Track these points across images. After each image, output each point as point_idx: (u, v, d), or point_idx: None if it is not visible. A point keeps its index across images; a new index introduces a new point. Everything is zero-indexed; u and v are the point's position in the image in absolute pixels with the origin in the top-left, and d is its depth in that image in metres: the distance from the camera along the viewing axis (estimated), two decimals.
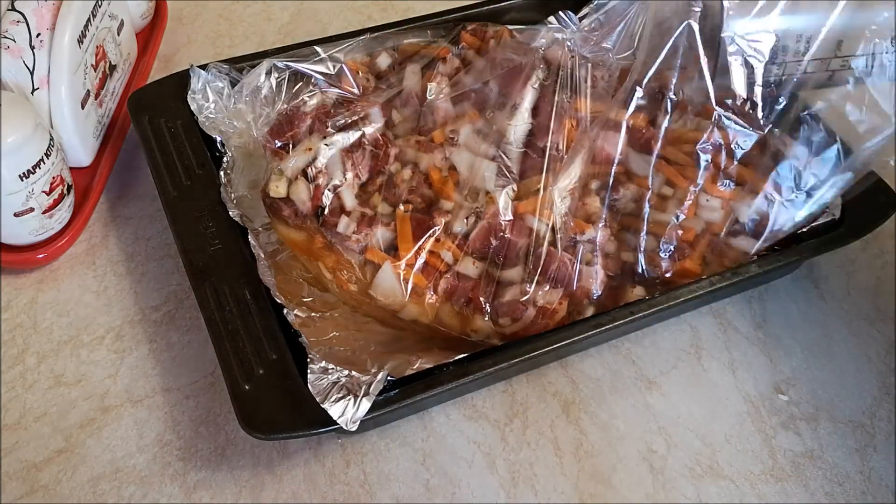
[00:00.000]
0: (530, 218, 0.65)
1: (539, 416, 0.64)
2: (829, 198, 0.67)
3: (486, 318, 0.61)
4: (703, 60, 0.70)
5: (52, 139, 0.66)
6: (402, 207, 0.65)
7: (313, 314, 0.64)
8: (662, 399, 0.66)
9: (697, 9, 0.66)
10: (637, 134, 0.69)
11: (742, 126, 0.70)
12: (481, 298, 0.62)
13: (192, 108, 0.71)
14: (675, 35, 0.70)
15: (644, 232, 0.66)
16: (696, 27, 0.71)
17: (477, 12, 0.81)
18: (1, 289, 0.69)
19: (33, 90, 0.68)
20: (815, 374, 0.69)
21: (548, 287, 0.62)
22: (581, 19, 0.83)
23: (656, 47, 0.71)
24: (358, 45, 0.76)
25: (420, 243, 0.63)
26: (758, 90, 0.68)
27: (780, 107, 0.68)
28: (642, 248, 0.65)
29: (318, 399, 0.54)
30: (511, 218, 0.64)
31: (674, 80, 0.71)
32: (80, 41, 0.69)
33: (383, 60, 0.76)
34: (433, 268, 0.64)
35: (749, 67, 0.67)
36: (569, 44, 0.71)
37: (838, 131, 0.68)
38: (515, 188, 0.66)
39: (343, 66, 0.74)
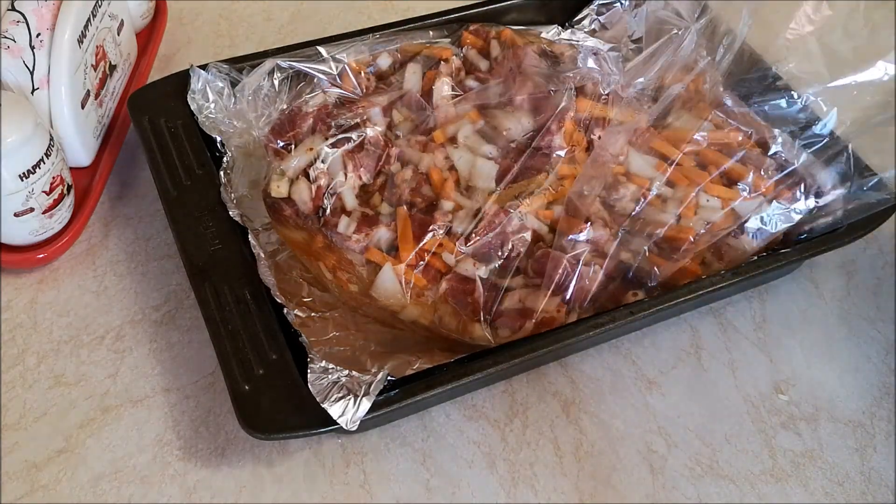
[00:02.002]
0: (531, 218, 0.65)
1: (539, 416, 0.64)
2: (836, 208, 0.67)
3: (485, 326, 0.61)
4: (703, 61, 0.70)
5: (52, 139, 0.66)
6: (403, 208, 0.65)
7: (313, 314, 0.64)
8: (662, 399, 0.66)
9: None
10: (637, 134, 0.69)
11: (744, 128, 0.71)
12: (481, 303, 0.62)
13: (192, 108, 0.71)
14: (679, 36, 0.70)
15: (644, 232, 0.66)
16: (697, 29, 0.71)
17: (477, 12, 0.81)
18: (1, 289, 0.69)
19: (33, 90, 0.68)
20: (815, 374, 0.69)
21: (547, 293, 0.62)
22: (580, 21, 0.83)
23: (659, 48, 0.71)
24: (360, 45, 0.76)
25: (421, 244, 0.63)
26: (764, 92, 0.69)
27: (788, 111, 0.68)
28: (642, 249, 0.65)
29: (318, 399, 0.54)
30: (514, 220, 0.64)
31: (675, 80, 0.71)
32: (80, 41, 0.69)
33: (385, 61, 0.76)
34: (434, 269, 0.64)
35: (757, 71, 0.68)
36: (603, 89, 0.71)
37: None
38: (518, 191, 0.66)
39: (345, 66, 0.74)
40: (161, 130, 0.70)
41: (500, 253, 0.64)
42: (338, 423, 0.54)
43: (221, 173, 0.67)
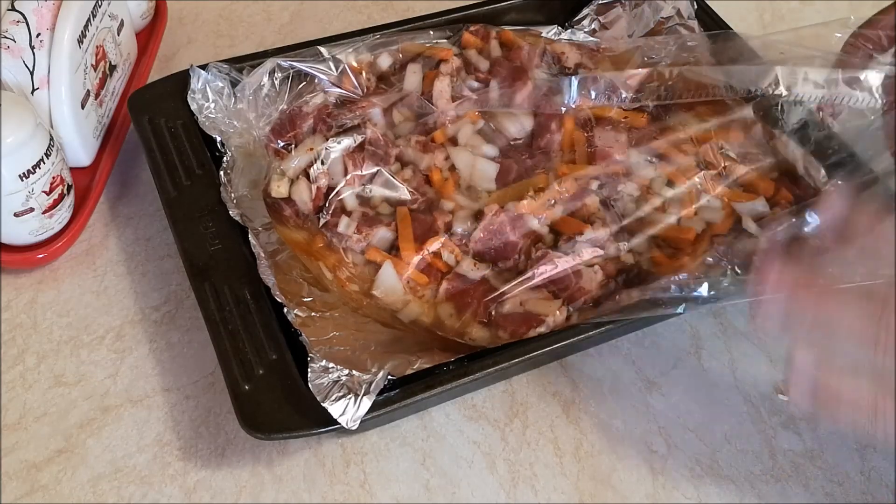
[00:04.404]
0: (530, 218, 0.65)
1: (539, 416, 0.64)
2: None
3: (485, 328, 0.61)
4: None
5: (52, 139, 0.66)
6: (403, 208, 0.65)
7: (313, 314, 0.64)
8: (662, 399, 0.66)
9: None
10: (637, 133, 0.69)
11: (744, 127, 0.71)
12: (481, 304, 0.62)
13: (192, 108, 0.71)
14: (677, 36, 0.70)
15: (644, 232, 0.66)
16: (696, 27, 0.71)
17: (477, 12, 0.81)
18: (1, 289, 0.69)
19: (33, 90, 0.68)
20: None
21: (548, 294, 0.62)
22: (580, 21, 0.83)
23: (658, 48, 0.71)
24: (360, 45, 0.76)
25: (421, 244, 0.63)
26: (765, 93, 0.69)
27: (789, 110, 0.69)
28: (642, 249, 0.65)
29: (318, 398, 0.54)
30: (513, 220, 0.64)
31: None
32: (80, 41, 0.69)
33: (385, 61, 0.76)
34: (434, 269, 0.64)
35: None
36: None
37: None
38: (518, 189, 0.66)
39: (345, 66, 0.74)
40: (161, 130, 0.70)
41: (499, 254, 0.64)
42: (338, 423, 0.54)
43: (221, 173, 0.67)
